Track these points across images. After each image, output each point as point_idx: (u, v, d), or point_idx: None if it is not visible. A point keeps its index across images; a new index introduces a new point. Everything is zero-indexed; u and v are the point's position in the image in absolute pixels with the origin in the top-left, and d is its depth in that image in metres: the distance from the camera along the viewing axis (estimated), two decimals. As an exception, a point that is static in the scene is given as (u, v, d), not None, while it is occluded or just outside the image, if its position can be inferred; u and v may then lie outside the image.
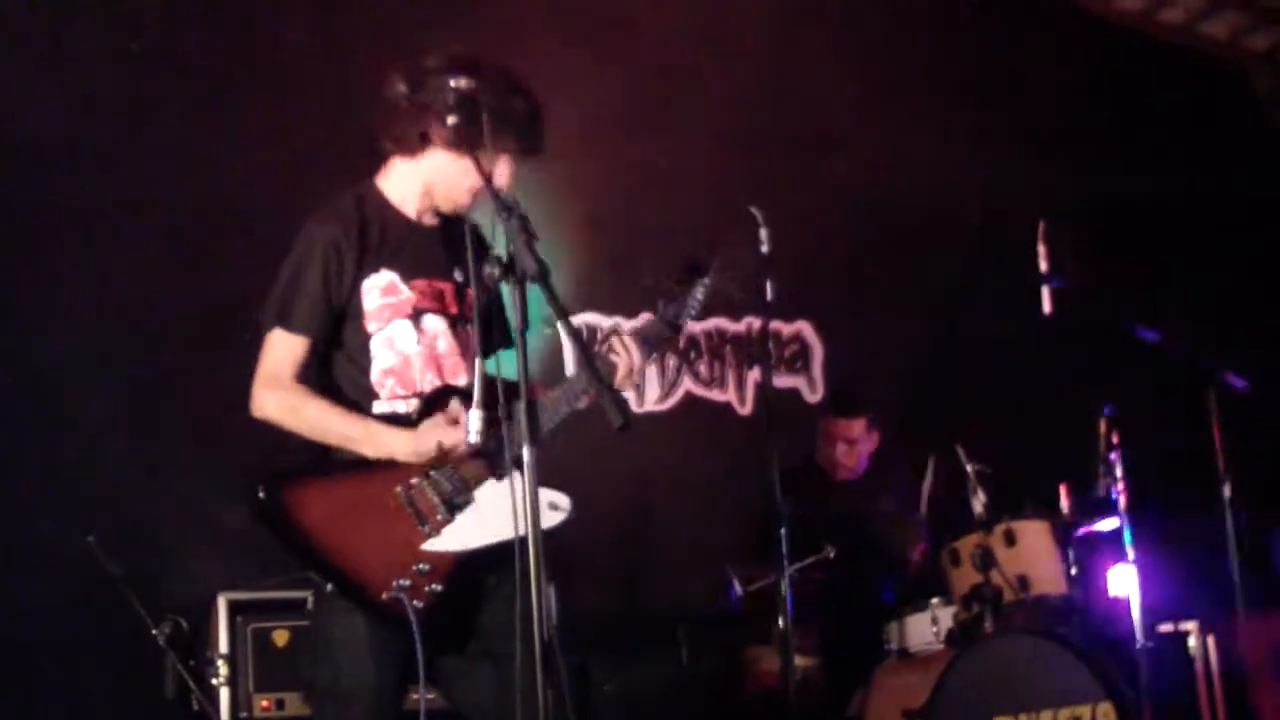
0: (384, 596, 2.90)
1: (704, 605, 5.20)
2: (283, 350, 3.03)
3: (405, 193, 3.15)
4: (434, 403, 3.04)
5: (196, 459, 4.88)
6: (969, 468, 4.79)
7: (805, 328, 6.46)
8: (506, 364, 2.82)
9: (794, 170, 6.16)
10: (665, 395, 6.22)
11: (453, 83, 2.94)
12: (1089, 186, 6.68)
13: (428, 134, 3.06)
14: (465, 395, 3.00)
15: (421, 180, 3.13)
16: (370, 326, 3.06)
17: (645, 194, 5.94)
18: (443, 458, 2.96)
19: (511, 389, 2.79)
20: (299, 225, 3.09)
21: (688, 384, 6.27)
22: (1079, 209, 6.26)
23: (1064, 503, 4.82)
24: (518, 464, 2.94)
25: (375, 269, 3.07)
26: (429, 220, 3.18)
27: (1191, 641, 5.10)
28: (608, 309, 5.85)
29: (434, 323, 3.11)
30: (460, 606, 2.99)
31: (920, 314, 6.42)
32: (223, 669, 4.24)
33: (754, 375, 6.25)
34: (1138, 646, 4.54)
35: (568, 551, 3.07)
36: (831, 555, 4.78)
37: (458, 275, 3.16)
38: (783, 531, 4.21)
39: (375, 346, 3.07)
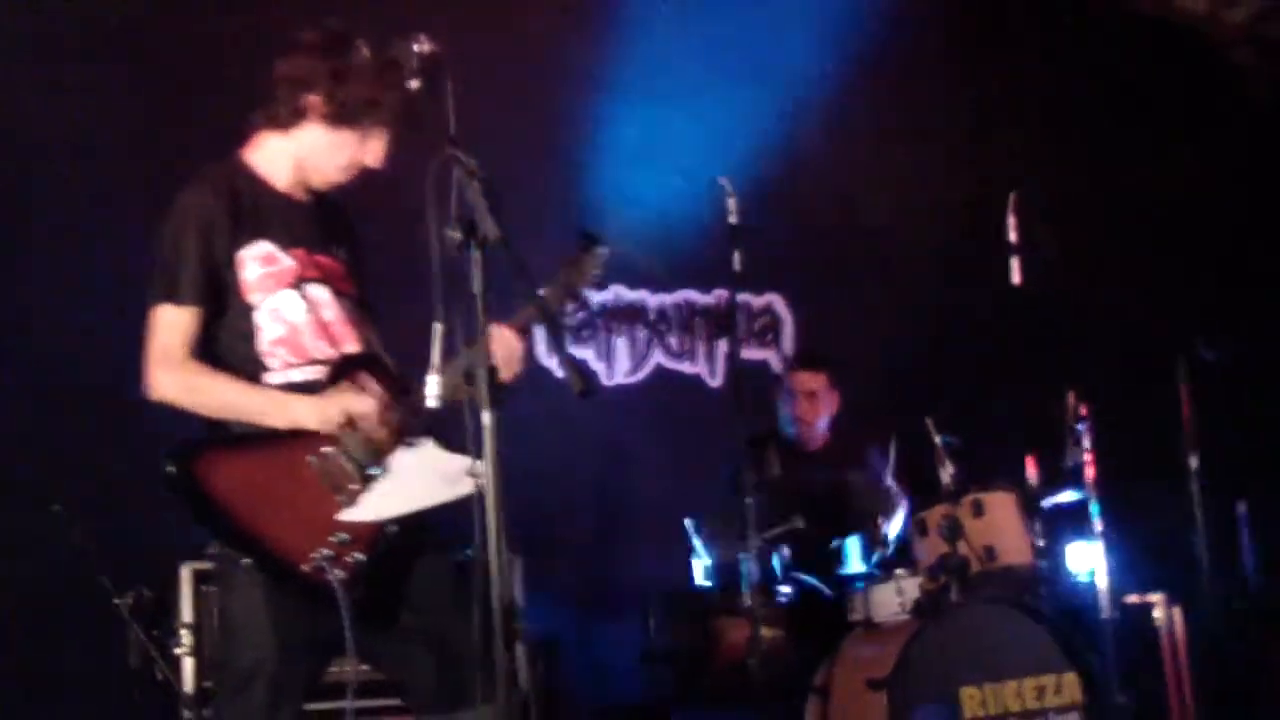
0: (304, 568, 2.89)
1: (673, 577, 5.24)
2: (172, 326, 3.00)
3: (275, 168, 3.15)
4: (340, 371, 3.05)
5: (162, 426, 4.87)
6: (937, 440, 4.83)
7: (776, 300, 6.49)
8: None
9: (764, 140, 6.17)
10: (635, 368, 6.25)
11: (417, 47, 2.93)
12: (1066, 159, 6.72)
13: (302, 108, 3.08)
14: (366, 362, 3.06)
15: (293, 155, 3.14)
16: (253, 298, 3.05)
17: (613, 164, 5.93)
18: (351, 424, 2.96)
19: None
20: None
21: (658, 357, 6.30)
22: (1056, 182, 6.29)
23: (1031, 474, 4.85)
24: (430, 431, 2.99)
25: (251, 239, 3.05)
26: (300, 195, 3.19)
27: (1157, 613, 5.17)
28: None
29: (318, 292, 3.11)
30: (385, 576, 2.98)
31: (891, 286, 6.45)
32: (186, 639, 4.24)
33: (724, 347, 6.29)
34: (1103, 618, 4.60)
35: (537, 524, 3.08)
36: (800, 525, 4.81)
37: (341, 254, 3.18)
38: (750, 501, 4.26)
39: (260, 317, 3.05)
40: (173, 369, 2.99)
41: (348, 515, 2.96)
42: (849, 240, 6.50)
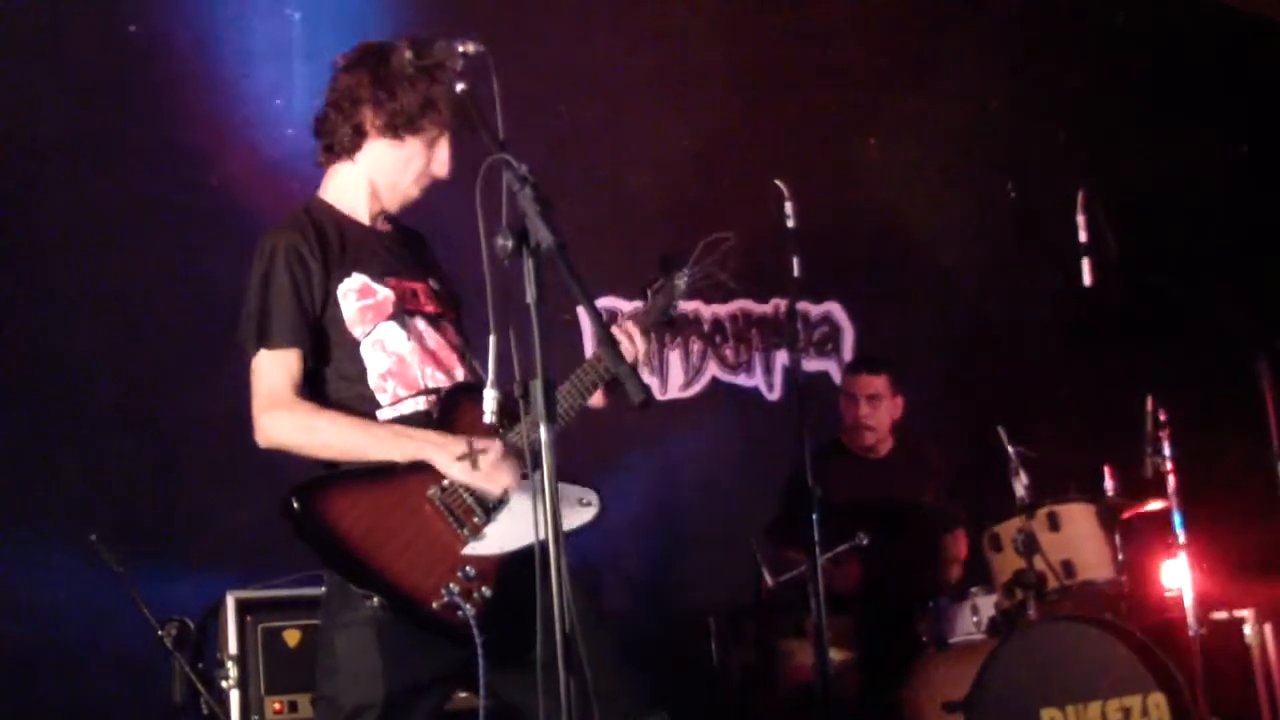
0: (434, 605, 2.91)
1: (735, 597, 5.22)
2: (275, 370, 3.01)
3: (352, 198, 3.18)
4: (452, 399, 3.06)
5: (201, 455, 4.92)
6: (1010, 449, 4.79)
7: (835, 308, 6.48)
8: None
9: (822, 145, 6.16)
10: (690, 381, 6.24)
11: (462, 48, 2.94)
12: (1135, 155, 6.67)
13: (360, 126, 3.11)
14: (477, 390, 2.98)
15: (366, 180, 3.17)
16: (356, 332, 3.07)
17: (669, 171, 5.94)
18: (473, 456, 2.96)
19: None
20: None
21: (713, 369, 6.29)
22: (1118, 180, 6.24)
23: (1110, 484, 4.81)
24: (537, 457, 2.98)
25: (345, 274, 3.08)
26: (381, 225, 3.21)
27: (1247, 630, 5.10)
28: (632, 293, 5.86)
29: (418, 320, 3.13)
30: (514, 610, 2.95)
31: (956, 291, 6.42)
32: (232, 671, 4.25)
33: (782, 358, 6.27)
34: (1190, 634, 4.54)
35: (593, 547, 3.08)
36: (865, 543, 4.80)
37: (432, 282, 3.20)
38: (814, 518, 4.24)
39: (366, 352, 3.07)
40: (286, 411, 2.99)
41: (473, 549, 2.98)
42: (909, 243, 6.46)
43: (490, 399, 2.77)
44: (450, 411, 3.05)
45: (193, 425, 4.92)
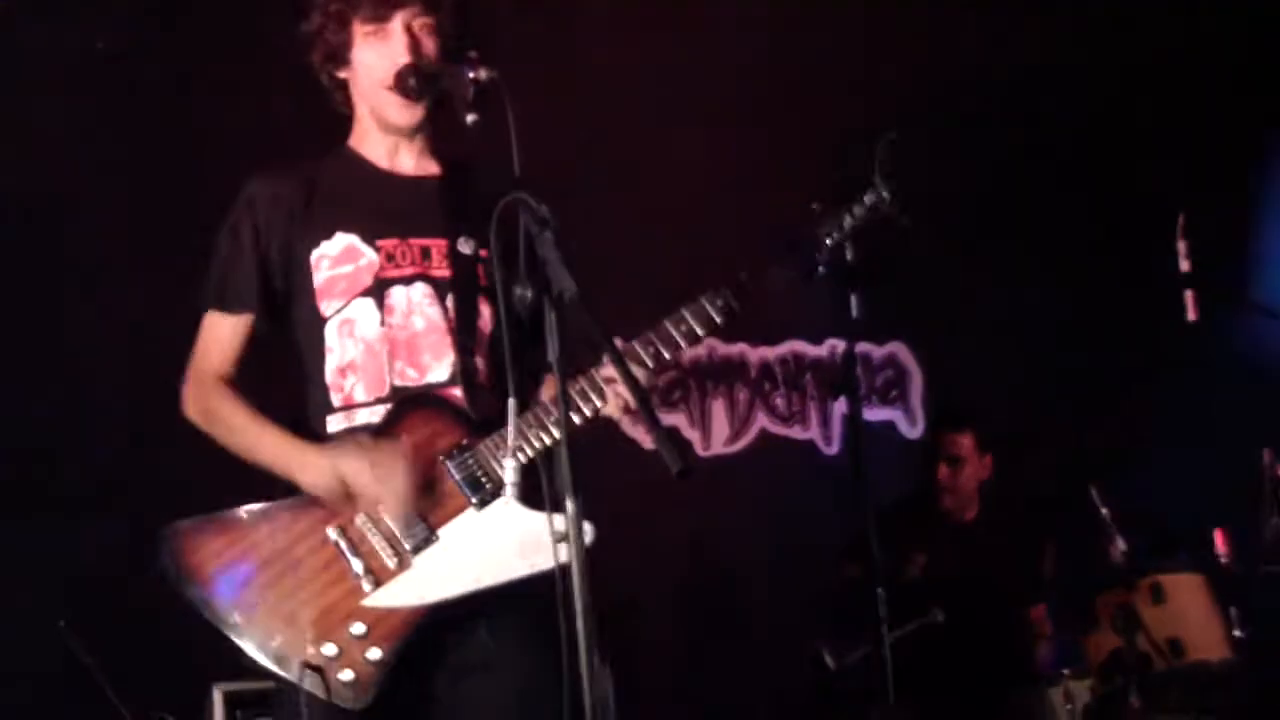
0: (292, 668, 2.73)
1: (789, 683, 5.16)
2: (208, 334, 2.95)
3: (369, 139, 3.04)
4: (399, 414, 2.88)
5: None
6: (1104, 511, 4.76)
7: (900, 350, 6.46)
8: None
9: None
10: (736, 435, 6.22)
11: (472, 73, 2.83)
12: (1234, 178, 6.64)
13: (330, 49, 2.99)
14: (431, 404, 2.88)
15: (367, 107, 3.02)
16: (323, 308, 2.92)
17: (706, 200, 5.94)
18: (347, 492, 2.78)
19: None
20: None
21: (762, 420, 6.27)
22: (1219, 200, 6.20)
23: (1222, 550, 4.76)
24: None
25: (324, 233, 2.94)
26: (408, 169, 3.04)
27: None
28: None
29: (407, 294, 2.94)
30: (413, 678, 2.81)
31: (1037, 329, 6.37)
32: (220, 769, 4.27)
33: (840, 408, 6.23)
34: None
35: (626, 622, 3.02)
36: (940, 620, 4.76)
37: (461, 241, 2.98)
38: (880, 592, 4.21)
39: (330, 336, 2.92)
40: (197, 387, 2.94)
41: (377, 600, 2.80)
42: (981, 275, 6.42)
43: (511, 470, 2.72)
44: (391, 428, 2.86)
45: (176, 503, 4.92)
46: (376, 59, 2.95)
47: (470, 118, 2.76)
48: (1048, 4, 6.42)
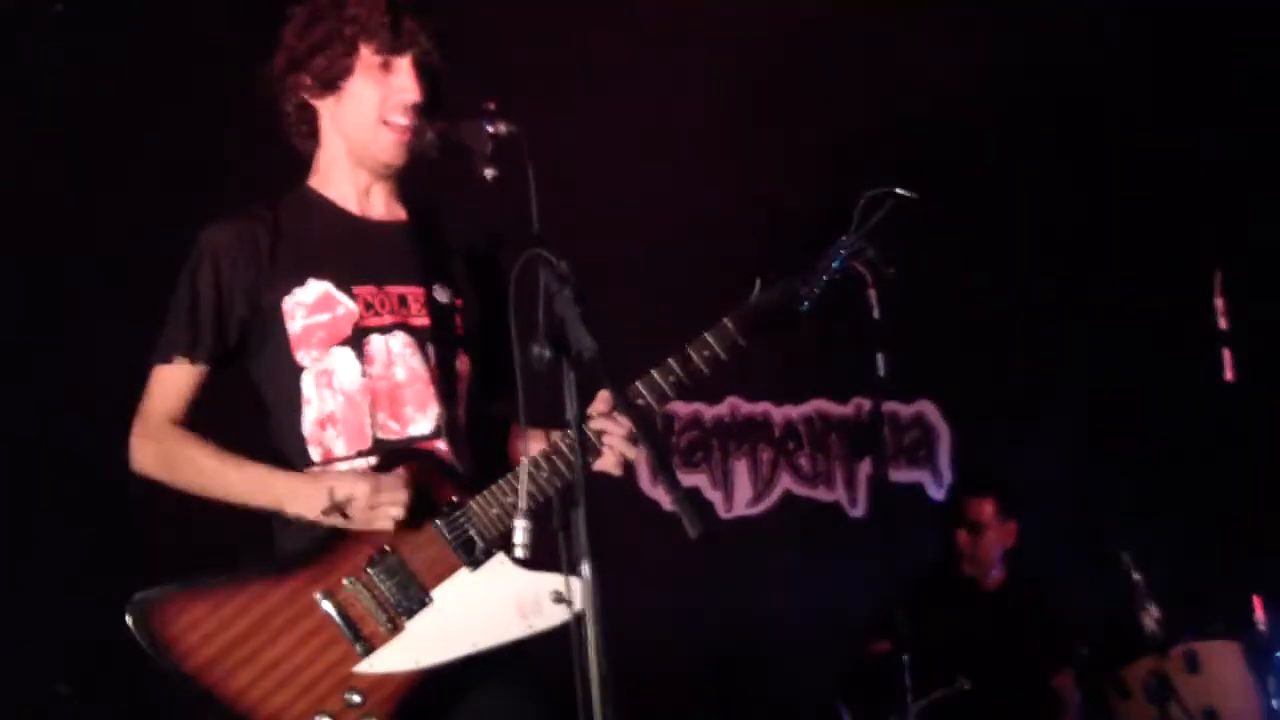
0: None
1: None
2: (159, 387, 2.92)
3: (337, 179, 3.01)
4: (388, 467, 2.87)
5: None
6: (1136, 577, 4.74)
7: (928, 408, 6.44)
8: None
9: (904, 216, 6.12)
10: (759, 496, 6.20)
11: (491, 128, 2.83)
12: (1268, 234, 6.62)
13: (302, 89, 2.96)
14: (422, 461, 2.87)
15: (344, 148, 2.99)
16: (300, 357, 2.90)
17: (724, 232, 5.94)
18: (340, 513, 2.77)
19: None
20: None
21: (786, 481, 6.25)
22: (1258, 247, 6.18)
23: (1260, 616, 4.74)
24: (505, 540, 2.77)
25: (296, 280, 2.91)
26: (379, 213, 3.03)
27: None
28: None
29: (387, 344, 2.93)
30: None
31: (1068, 387, 6.36)
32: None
33: (866, 469, 6.22)
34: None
35: (644, 691, 3.01)
36: (966, 688, 4.72)
37: (438, 288, 2.99)
38: (906, 659, 4.19)
39: (308, 386, 2.90)
40: (148, 437, 2.90)
41: (370, 666, 2.79)
42: (1011, 330, 6.42)
43: (521, 530, 2.72)
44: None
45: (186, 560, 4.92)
46: (377, 91, 2.95)
47: (489, 172, 2.75)
48: (1072, 70, 6.42)
